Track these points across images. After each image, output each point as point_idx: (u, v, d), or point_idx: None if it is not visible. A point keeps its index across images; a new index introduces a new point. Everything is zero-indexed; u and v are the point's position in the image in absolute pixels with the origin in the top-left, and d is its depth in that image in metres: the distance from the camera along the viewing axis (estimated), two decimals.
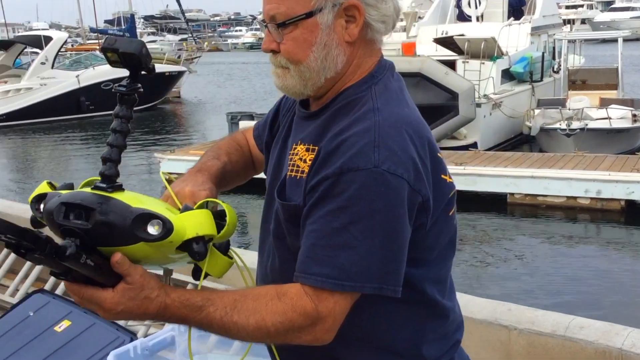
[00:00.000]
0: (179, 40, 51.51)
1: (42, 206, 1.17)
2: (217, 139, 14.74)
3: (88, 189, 1.16)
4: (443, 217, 1.30)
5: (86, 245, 1.09)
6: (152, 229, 1.11)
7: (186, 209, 1.20)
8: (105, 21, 65.69)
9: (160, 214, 1.11)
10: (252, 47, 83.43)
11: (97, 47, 30.62)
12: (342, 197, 1.17)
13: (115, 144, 1.17)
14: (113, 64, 1.17)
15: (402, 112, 1.26)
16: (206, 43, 49.15)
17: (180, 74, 26.45)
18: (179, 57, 29.19)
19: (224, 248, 1.31)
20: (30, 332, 3.68)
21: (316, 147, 1.26)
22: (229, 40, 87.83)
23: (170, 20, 77.28)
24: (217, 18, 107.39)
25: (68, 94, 21.54)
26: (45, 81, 21.56)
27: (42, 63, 22.04)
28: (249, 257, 1.56)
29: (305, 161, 1.27)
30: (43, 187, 1.19)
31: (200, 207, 1.26)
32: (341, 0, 1.25)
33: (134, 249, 1.12)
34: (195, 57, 31.09)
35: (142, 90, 1.19)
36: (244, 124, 11.37)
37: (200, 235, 1.17)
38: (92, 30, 44.66)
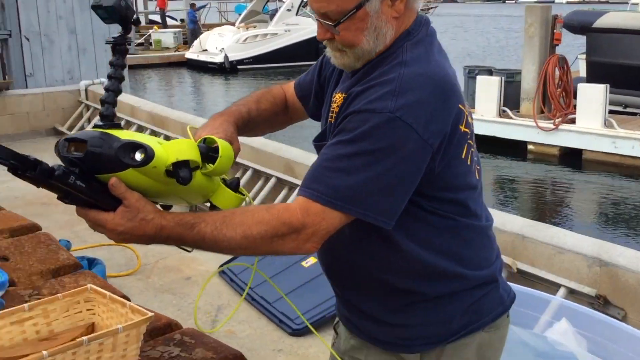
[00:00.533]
0: None
1: None
2: None
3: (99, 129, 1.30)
4: (456, 161, 1.39)
5: (85, 173, 1.24)
6: (137, 156, 1.23)
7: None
8: None
9: (143, 143, 1.24)
10: None
11: None
12: (354, 132, 1.30)
13: (111, 89, 1.33)
14: (105, 20, 1.31)
15: (427, 66, 1.36)
16: None
17: None
18: None
19: (235, 185, 1.46)
20: (280, 263, 3.94)
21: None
22: None
23: None
24: None
25: (308, 40, 22.42)
26: (289, 27, 22.72)
27: (288, 10, 23.25)
28: None
29: (340, 107, 1.42)
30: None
31: (201, 143, 1.39)
32: None
33: (127, 176, 1.25)
34: (432, 7, 30.72)
35: (130, 40, 1.34)
36: (482, 80, 10.98)
37: (182, 161, 1.28)
38: None
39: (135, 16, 1.31)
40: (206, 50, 22.99)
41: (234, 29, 23.82)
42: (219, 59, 22.09)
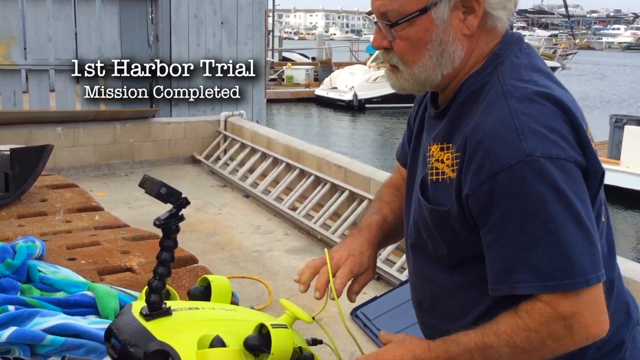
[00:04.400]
0: (549, 36, 50.03)
1: None
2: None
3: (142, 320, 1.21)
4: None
5: None
6: None
7: (217, 343, 1.18)
8: None
9: (172, 351, 1.13)
10: (629, 47, 77.12)
11: None
12: (507, 200, 1.11)
13: (159, 272, 1.24)
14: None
15: (536, 87, 1.15)
16: (577, 40, 46.68)
17: (552, 69, 25.53)
18: (554, 52, 28.26)
19: None
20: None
21: (450, 144, 1.21)
22: (604, 39, 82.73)
23: (542, 15, 75.34)
24: (595, 15, 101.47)
25: None
26: None
27: None
28: None
29: (442, 161, 1.22)
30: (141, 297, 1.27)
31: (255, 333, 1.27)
32: None
33: None
34: (571, 54, 29.86)
35: (182, 219, 1.22)
36: (631, 130, 10.25)
37: None
38: None
39: (182, 198, 1.22)
40: (336, 87, 23.29)
41: (365, 68, 24.00)
42: (348, 96, 22.30)
